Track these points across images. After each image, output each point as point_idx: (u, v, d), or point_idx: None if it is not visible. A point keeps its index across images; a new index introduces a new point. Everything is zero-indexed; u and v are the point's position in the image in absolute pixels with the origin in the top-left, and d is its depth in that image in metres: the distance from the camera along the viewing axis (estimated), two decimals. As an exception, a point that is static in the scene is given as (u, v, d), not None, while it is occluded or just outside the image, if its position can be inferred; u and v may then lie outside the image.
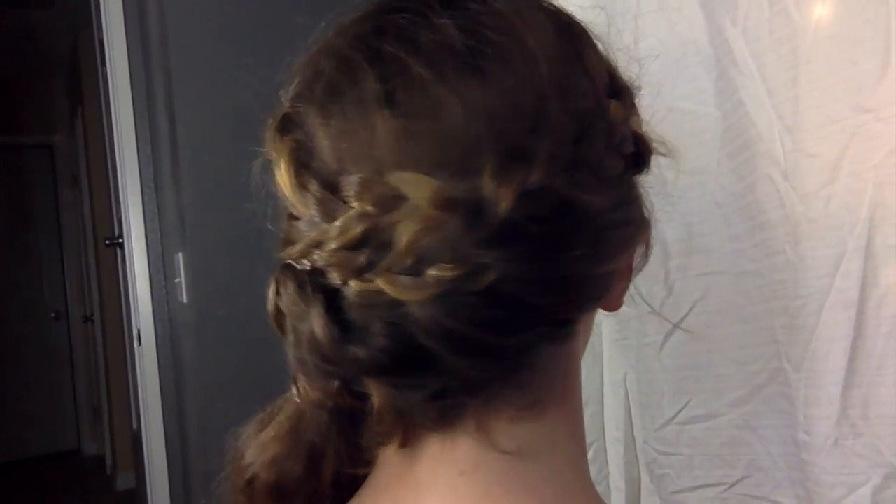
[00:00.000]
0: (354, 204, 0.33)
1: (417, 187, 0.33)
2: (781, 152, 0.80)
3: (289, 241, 0.36)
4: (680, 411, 1.00)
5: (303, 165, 0.35)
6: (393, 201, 0.33)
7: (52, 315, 5.53)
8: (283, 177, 0.35)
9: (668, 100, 0.95)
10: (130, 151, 2.07)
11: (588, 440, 1.11)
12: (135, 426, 2.73)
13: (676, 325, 0.99)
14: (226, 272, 1.74)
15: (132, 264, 2.12)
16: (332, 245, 0.33)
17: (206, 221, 1.76)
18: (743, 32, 0.85)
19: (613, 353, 1.11)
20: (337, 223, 0.33)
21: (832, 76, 0.74)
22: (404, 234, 0.32)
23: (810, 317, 0.77)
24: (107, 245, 2.76)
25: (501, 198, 0.33)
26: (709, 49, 0.91)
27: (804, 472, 0.81)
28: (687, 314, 0.98)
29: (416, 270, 0.33)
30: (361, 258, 0.33)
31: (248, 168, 0.45)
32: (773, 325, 0.84)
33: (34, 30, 4.33)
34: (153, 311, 2.09)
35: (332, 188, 0.34)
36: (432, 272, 0.33)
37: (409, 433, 0.40)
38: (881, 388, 0.73)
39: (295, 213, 0.36)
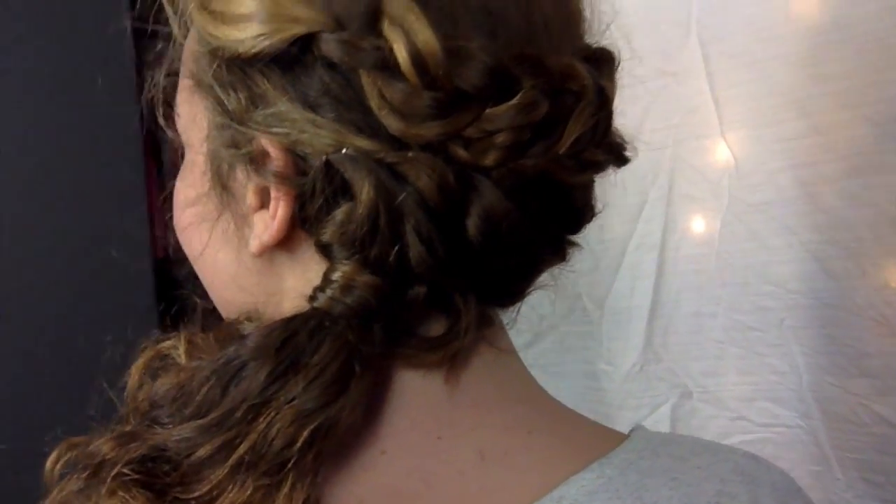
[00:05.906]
0: (530, 83, 0.30)
1: (585, 76, 0.31)
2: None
3: (412, 116, 0.29)
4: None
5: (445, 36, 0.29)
6: (563, 85, 0.31)
7: None
8: (427, 41, 0.28)
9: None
10: None
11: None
12: None
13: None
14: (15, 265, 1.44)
15: None
16: (511, 122, 0.29)
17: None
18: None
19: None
20: (515, 101, 0.29)
21: (642, 38, 0.82)
22: (580, 119, 0.31)
23: (614, 259, 0.86)
24: None
25: (612, 93, 0.34)
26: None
27: (602, 401, 0.90)
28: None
29: (575, 153, 0.31)
30: (532, 139, 0.30)
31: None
32: (572, 268, 0.92)
33: None
34: None
35: (498, 62, 0.29)
36: (587, 156, 0.32)
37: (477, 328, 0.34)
38: (678, 320, 0.84)
39: (420, 87, 0.29)
